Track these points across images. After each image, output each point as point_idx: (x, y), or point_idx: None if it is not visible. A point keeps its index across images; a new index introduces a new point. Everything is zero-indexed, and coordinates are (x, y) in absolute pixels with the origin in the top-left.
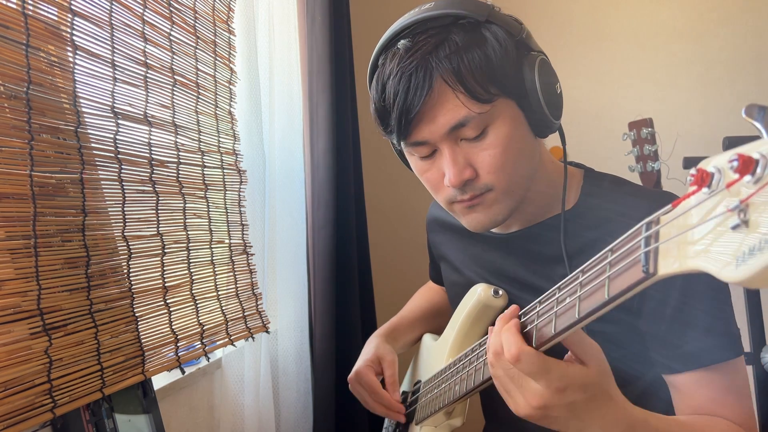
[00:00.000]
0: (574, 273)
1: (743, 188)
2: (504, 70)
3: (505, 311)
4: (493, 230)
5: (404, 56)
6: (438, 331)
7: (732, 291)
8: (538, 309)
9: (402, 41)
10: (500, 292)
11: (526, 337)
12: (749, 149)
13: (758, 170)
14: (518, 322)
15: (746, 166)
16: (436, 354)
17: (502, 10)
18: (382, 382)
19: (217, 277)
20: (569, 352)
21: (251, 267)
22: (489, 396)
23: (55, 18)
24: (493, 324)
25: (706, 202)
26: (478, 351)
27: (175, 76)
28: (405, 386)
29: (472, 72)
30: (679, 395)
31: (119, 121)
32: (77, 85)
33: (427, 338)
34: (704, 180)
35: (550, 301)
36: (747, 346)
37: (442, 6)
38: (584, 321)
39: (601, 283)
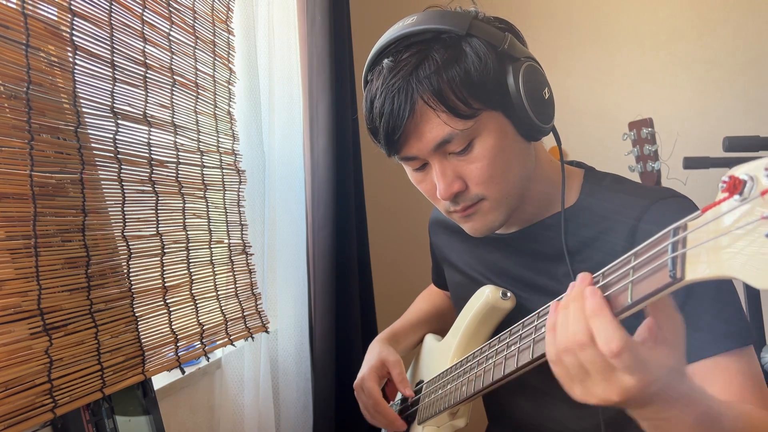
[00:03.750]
0: (594, 276)
1: None
2: (485, 83)
3: (578, 280)
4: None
5: (387, 76)
6: (440, 332)
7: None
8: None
9: (386, 59)
10: (508, 294)
11: None
12: None
13: None
14: (605, 301)
15: None
16: (440, 355)
17: (488, 13)
18: (385, 387)
19: (217, 277)
20: (646, 325)
21: (251, 267)
22: (493, 396)
23: (55, 18)
24: (499, 325)
25: (738, 209)
26: (487, 352)
27: (175, 76)
28: None
29: (452, 90)
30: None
31: (119, 121)
32: (77, 85)
33: (430, 338)
34: (736, 187)
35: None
36: None
37: (424, 21)
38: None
39: (624, 287)
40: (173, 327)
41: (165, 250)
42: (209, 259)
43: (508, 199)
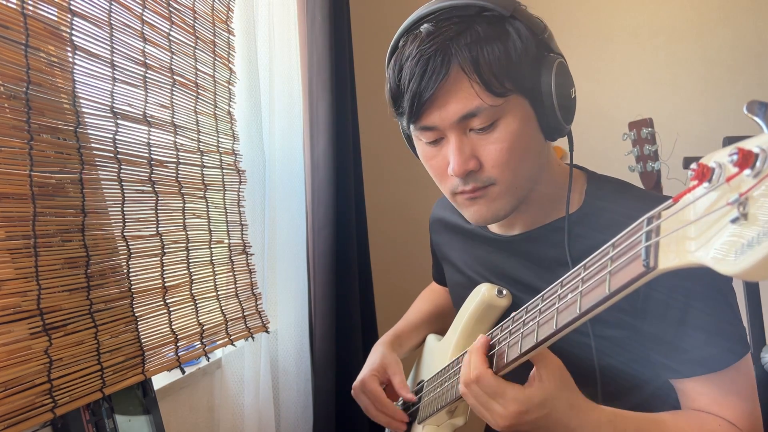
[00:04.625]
0: (576, 268)
1: (743, 182)
2: (522, 67)
3: (476, 342)
4: (497, 232)
5: (425, 40)
6: (442, 331)
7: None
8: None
9: (425, 25)
10: (504, 292)
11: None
12: (749, 143)
13: (758, 164)
14: (486, 345)
15: (746, 159)
16: (439, 354)
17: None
18: (386, 390)
19: (217, 277)
20: (533, 370)
21: (251, 267)
22: None
23: (55, 18)
24: (496, 324)
25: (706, 196)
26: None
27: (175, 76)
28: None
29: (490, 64)
30: (682, 398)
31: (119, 121)
32: (76, 85)
33: (431, 339)
34: (705, 175)
35: (552, 298)
36: None
37: None
38: (587, 315)
39: (602, 279)
40: (173, 327)
41: (165, 250)
42: (209, 259)
43: (518, 190)
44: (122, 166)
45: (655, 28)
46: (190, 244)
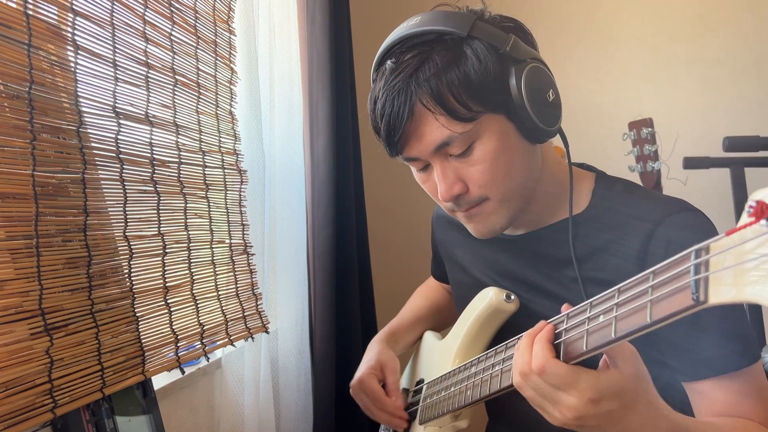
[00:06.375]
0: (609, 291)
1: None
2: (485, 86)
3: (534, 327)
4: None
5: (389, 78)
6: (438, 328)
7: None
8: (566, 325)
9: (389, 61)
10: (512, 297)
11: (555, 350)
12: None
13: None
14: (552, 333)
15: None
16: (442, 354)
17: (494, 12)
18: (384, 387)
19: (218, 277)
20: (604, 356)
21: (251, 267)
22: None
23: (57, 18)
24: (502, 328)
25: (765, 235)
26: (493, 359)
27: (176, 76)
28: (404, 383)
29: (451, 92)
30: (699, 400)
31: (121, 121)
32: (79, 85)
33: (429, 336)
34: (764, 212)
35: (581, 317)
36: None
37: (427, 22)
38: (618, 341)
39: (642, 306)
40: (174, 327)
41: (166, 250)
42: (210, 259)
43: (512, 201)
44: (124, 166)
45: (655, 28)
46: (191, 244)
